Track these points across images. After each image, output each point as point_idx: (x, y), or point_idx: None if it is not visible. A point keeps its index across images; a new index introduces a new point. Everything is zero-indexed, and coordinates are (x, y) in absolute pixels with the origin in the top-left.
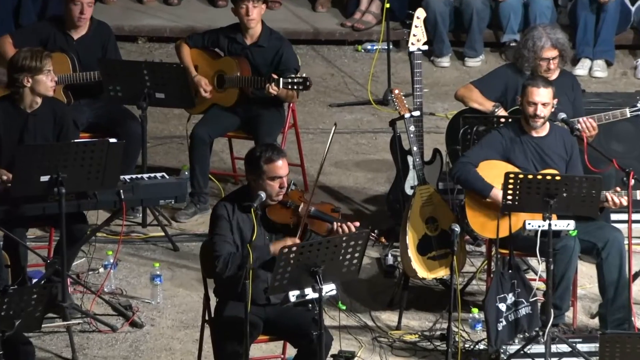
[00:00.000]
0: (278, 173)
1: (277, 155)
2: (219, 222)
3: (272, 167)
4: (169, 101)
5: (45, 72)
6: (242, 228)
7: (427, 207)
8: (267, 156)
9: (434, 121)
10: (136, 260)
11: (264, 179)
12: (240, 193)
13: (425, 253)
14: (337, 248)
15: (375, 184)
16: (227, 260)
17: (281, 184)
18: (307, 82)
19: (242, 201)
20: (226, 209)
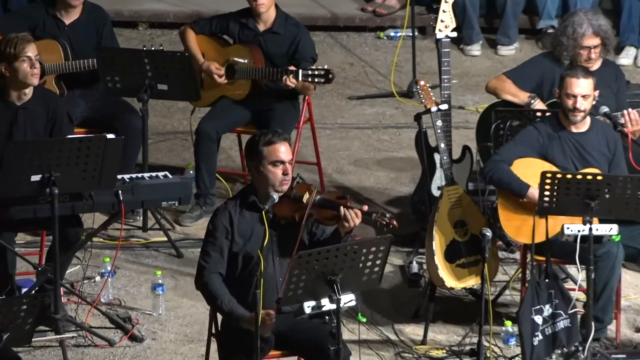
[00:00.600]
0: (279, 157)
1: (277, 137)
2: (215, 230)
3: (272, 150)
4: (172, 93)
5: (22, 60)
6: (246, 228)
7: (455, 209)
8: (267, 139)
9: (464, 115)
10: (136, 267)
11: (265, 165)
12: (244, 192)
13: (453, 260)
14: (357, 254)
15: (399, 184)
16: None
17: (284, 170)
18: (329, 74)
19: (246, 199)
20: (229, 213)
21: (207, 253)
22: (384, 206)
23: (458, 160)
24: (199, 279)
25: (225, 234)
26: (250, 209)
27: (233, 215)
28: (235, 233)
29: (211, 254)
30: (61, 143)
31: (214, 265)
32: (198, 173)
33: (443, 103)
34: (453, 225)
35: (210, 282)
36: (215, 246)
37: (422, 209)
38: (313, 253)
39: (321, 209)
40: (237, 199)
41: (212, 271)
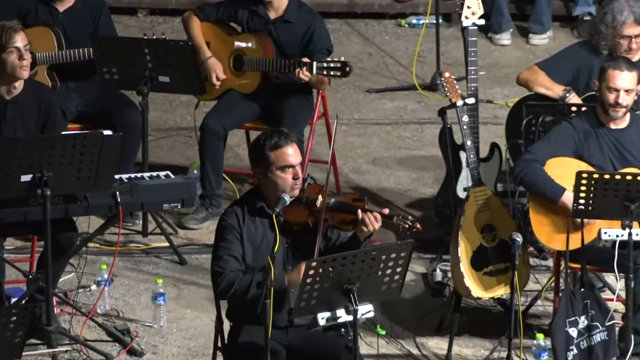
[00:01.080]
0: (288, 161)
1: (284, 139)
2: (227, 233)
3: (280, 155)
4: (174, 86)
5: (9, 51)
6: (255, 236)
7: (483, 212)
8: (273, 142)
9: (492, 110)
10: (135, 275)
11: (273, 170)
12: (251, 195)
13: (480, 268)
14: (376, 261)
15: (421, 185)
16: (232, 280)
17: (294, 175)
18: (347, 67)
19: (254, 205)
20: (237, 217)
21: (220, 258)
22: (405, 209)
23: (486, 159)
24: (218, 286)
25: (236, 237)
26: (260, 215)
27: (241, 220)
28: (244, 239)
29: (225, 258)
30: (54, 140)
31: (229, 267)
32: (203, 173)
33: (469, 97)
34: (480, 230)
35: (231, 278)
36: (229, 250)
37: (447, 212)
38: (327, 260)
39: (336, 213)
40: (244, 204)
41: (229, 275)
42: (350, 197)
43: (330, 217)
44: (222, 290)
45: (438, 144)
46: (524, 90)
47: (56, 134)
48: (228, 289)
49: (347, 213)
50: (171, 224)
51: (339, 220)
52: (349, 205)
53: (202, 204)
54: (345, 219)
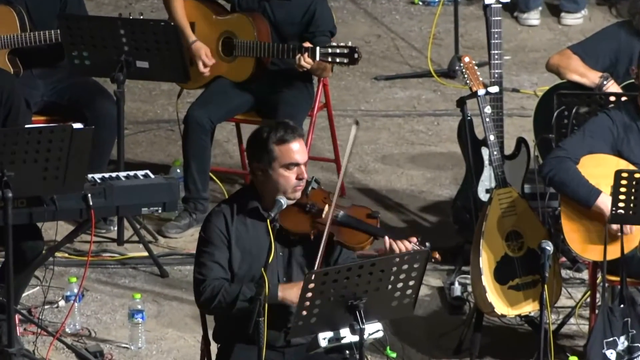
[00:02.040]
0: (294, 158)
1: (291, 134)
2: (211, 236)
3: (285, 151)
4: (154, 72)
5: None
6: (246, 240)
7: (508, 217)
8: (279, 136)
9: (519, 100)
10: (110, 289)
11: (276, 168)
12: (243, 194)
13: (505, 281)
14: (385, 274)
15: (437, 186)
16: (217, 290)
17: (299, 175)
18: (355, 53)
19: (246, 204)
20: (224, 218)
21: (202, 265)
22: (419, 213)
23: (511, 156)
24: (201, 295)
25: (221, 242)
26: (253, 217)
27: (229, 221)
28: (232, 244)
29: (208, 264)
30: (16, 134)
31: (212, 274)
32: (187, 172)
33: (493, 85)
34: (505, 238)
35: (216, 287)
36: (213, 255)
37: (466, 217)
38: (330, 271)
39: (344, 229)
40: (234, 202)
41: (212, 280)
42: (362, 211)
43: (336, 232)
44: (204, 300)
45: (457, 139)
46: (555, 78)
47: (19, 128)
48: (211, 299)
49: (358, 230)
50: (151, 230)
51: (347, 238)
52: (362, 223)
53: (186, 208)
54: (354, 238)
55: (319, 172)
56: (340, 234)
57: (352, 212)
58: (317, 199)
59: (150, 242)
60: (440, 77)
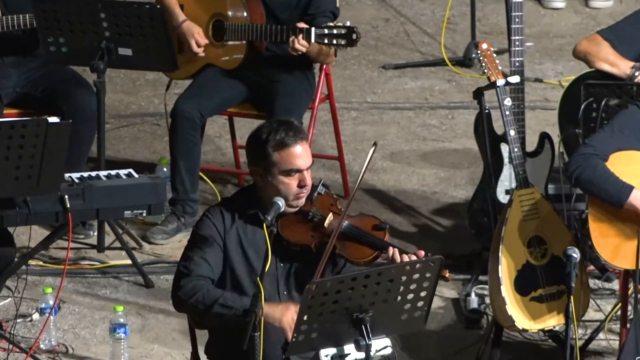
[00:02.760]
0: (295, 164)
1: (293, 136)
2: (206, 233)
3: (286, 156)
4: (139, 60)
5: None
6: (246, 248)
7: (530, 221)
8: (279, 139)
9: (542, 91)
10: (89, 301)
11: (275, 174)
12: (243, 196)
13: (527, 292)
14: (394, 284)
15: (452, 186)
16: (199, 288)
17: (301, 181)
18: (353, 33)
19: (247, 207)
20: (222, 218)
21: (189, 258)
22: (431, 217)
23: (534, 154)
24: (179, 289)
25: (216, 240)
26: (253, 223)
27: (228, 223)
28: (229, 249)
29: (196, 259)
30: None
31: (198, 270)
32: (175, 171)
33: (513, 74)
34: (527, 244)
35: (199, 285)
36: (204, 252)
37: (484, 221)
38: (333, 282)
39: (348, 242)
40: (234, 204)
41: (197, 276)
42: (369, 221)
43: (339, 244)
44: (181, 295)
45: (473, 134)
46: (582, 66)
47: None
48: (189, 296)
49: (362, 244)
50: (134, 236)
51: (350, 252)
52: (368, 235)
53: (173, 211)
54: (357, 251)
55: (320, 171)
56: (343, 247)
57: (357, 222)
58: (322, 206)
59: (134, 249)
60: (455, 65)
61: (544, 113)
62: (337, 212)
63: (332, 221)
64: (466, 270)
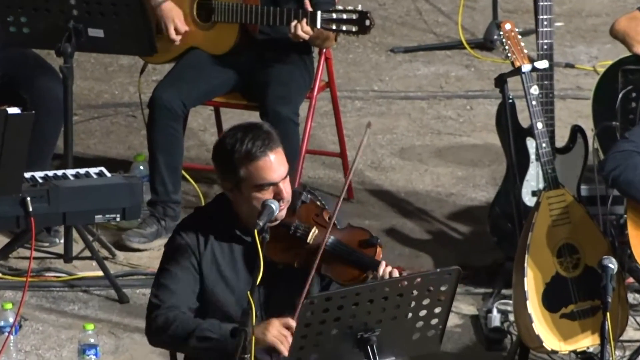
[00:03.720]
0: (267, 178)
1: (262, 146)
2: (178, 255)
3: (255, 170)
4: (111, 43)
5: None
6: (223, 268)
7: (560, 227)
8: (244, 151)
9: (574, 78)
10: (54, 318)
11: (244, 190)
12: (221, 206)
13: (557, 308)
14: (404, 299)
15: (470, 187)
16: (172, 320)
17: (277, 195)
18: (366, 19)
19: (223, 222)
20: (196, 236)
21: (162, 287)
22: (447, 222)
23: (565, 150)
24: (153, 322)
25: (190, 263)
26: (227, 239)
27: (202, 238)
28: (205, 270)
29: (170, 287)
30: None
31: (173, 300)
32: (153, 169)
33: (541, 58)
34: (556, 253)
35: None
36: (177, 278)
37: (507, 226)
38: (334, 296)
39: (333, 262)
40: (210, 215)
41: (170, 308)
42: (357, 235)
43: (325, 265)
44: (155, 330)
45: (495, 127)
46: (620, 49)
47: None
48: (162, 330)
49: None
50: (107, 244)
51: (336, 274)
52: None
53: (152, 214)
54: (343, 272)
55: (320, 169)
56: (328, 267)
57: (345, 236)
58: (306, 218)
59: (106, 259)
60: (474, 49)
61: (576, 103)
62: (323, 223)
63: (317, 236)
64: (487, 283)
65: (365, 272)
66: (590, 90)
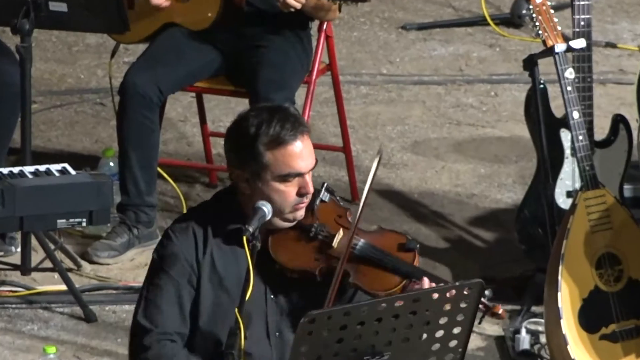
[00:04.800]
0: (295, 167)
1: (292, 130)
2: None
3: (282, 157)
4: (76, 19)
5: None
6: (222, 275)
7: (600, 234)
8: (273, 133)
9: (616, 59)
10: (10, 340)
11: (267, 179)
12: (221, 205)
13: (596, 327)
14: (418, 317)
15: (494, 187)
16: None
17: (301, 188)
18: None
19: (224, 222)
20: (194, 238)
21: (152, 306)
22: (467, 227)
23: (605, 143)
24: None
25: (186, 275)
26: (233, 242)
27: (200, 244)
28: (203, 280)
29: (161, 307)
30: None
31: (167, 324)
32: (125, 166)
33: (577, 38)
34: (595, 264)
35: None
36: (169, 294)
37: (538, 233)
38: (336, 314)
39: (364, 267)
40: (208, 216)
41: (163, 334)
42: (392, 238)
43: (353, 270)
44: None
45: (523, 117)
46: None
47: None
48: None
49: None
50: (71, 253)
51: (368, 281)
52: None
53: (123, 220)
54: (378, 279)
55: (319, 166)
56: (357, 274)
57: (377, 240)
58: (327, 219)
59: (71, 270)
60: (500, 25)
61: (618, 88)
62: (348, 226)
63: (343, 239)
64: (514, 299)
65: (404, 279)
66: (634, 74)
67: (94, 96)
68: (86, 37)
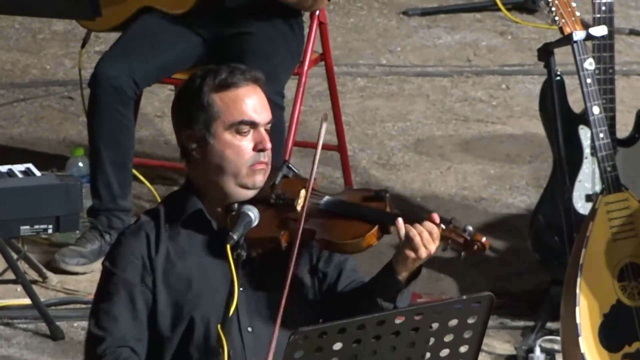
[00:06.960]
0: (247, 113)
1: (238, 75)
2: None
3: (232, 102)
4: (41, 3)
5: None
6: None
7: (622, 241)
8: (220, 79)
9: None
10: None
11: (217, 132)
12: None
13: (618, 346)
14: (421, 334)
15: (506, 190)
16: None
17: (258, 143)
18: None
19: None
20: (145, 237)
21: (103, 313)
22: None
23: (629, 141)
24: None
25: (139, 276)
26: (191, 226)
27: (152, 242)
28: (158, 274)
29: (112, 312)
30: None
31: (121, 330)
32: (96, 167)
33: (598, 24)
34: (617, 275)
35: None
36: (121, 300)
37: (554, 240)
38: (329, 330)
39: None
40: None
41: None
42: (360, 192)
43: (319, 227)
44: None
45: (537, 112)
46: None
47: None
48: None
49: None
50: (36, 263)
51: (336, 234)
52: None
53: (94, 225)
54: (346, 229)
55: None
56: (325, 229)
57: (343, 195)
58: (291, 189)
59: (35, 283)
60: (512, 11)
61: None
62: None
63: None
64: (528, 314)
65: (375, 224)
66: None
67: (62, 89)
68: (53, 23)
